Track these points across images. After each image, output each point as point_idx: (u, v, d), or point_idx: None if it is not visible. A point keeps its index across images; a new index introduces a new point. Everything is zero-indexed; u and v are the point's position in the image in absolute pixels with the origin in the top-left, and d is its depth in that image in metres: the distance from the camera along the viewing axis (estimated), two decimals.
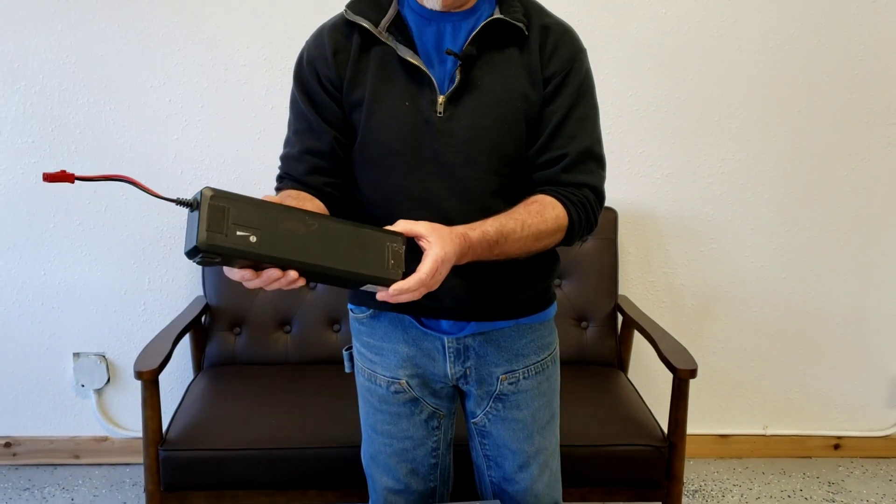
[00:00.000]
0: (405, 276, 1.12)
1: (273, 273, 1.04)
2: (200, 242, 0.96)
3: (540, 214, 1.29)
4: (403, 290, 1.11)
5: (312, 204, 1.31)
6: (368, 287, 1.13)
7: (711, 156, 2.62)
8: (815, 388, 2.84)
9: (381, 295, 1.13)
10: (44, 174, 0.94)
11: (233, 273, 1.06)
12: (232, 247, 0.98)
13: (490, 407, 1.52)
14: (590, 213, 1.37)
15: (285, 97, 1.46)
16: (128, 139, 2.51)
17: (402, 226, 1.15)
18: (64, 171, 0.96)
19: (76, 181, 0.97)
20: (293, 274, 1.05)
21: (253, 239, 1.00)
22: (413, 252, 1.15)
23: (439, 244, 1.14)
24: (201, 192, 0.98)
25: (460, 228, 1.20)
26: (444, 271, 1.15)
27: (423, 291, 1.13)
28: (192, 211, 0.99)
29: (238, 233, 0.99)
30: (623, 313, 2.53)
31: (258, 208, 1.02)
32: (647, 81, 2.56)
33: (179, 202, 1.00)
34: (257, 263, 1.03)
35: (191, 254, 0.99)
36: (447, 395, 1.55)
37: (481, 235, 1.22)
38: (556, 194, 1.34)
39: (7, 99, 2.46)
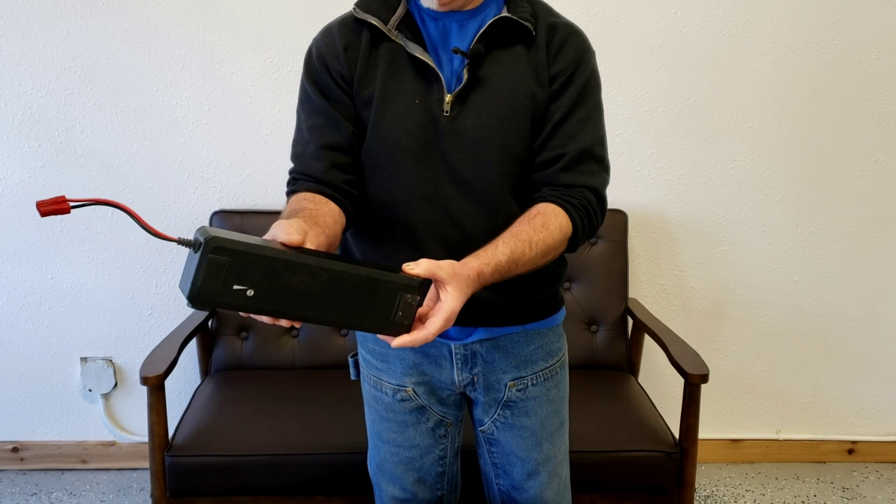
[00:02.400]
0: (410, 327, 1.10)
1: (266, 319, 1.02)
2: (191, 296, 0.94)
3: (545, 228, 1.26)
4: (406, 343, 1.09)
5: (328, 207, 1.26)
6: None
7: (723, 157, 2.60)
8: (828, 391, 2.81)
9: (382, 337, 1.12)
10: (38, 205, 0.93)
11: None
12: (225, 301, 0.96)
13: (498, 414, 1.50)
14: (592, 217, 1.34)
15: (292, 100, 1.44)
16: (134, 142, 2.50)
17: (425, 266, 1.09)
18: (59, 199, 0.94)
19: (71, 210, 0.95)
20: (284, 322, 1.03)
21: (250, 293, 0.97)
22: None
23: (455, 297, 1.11)
24: (205, 239, 0.94)
25: (475, 267, 1.16)
26: (451, 324, 1.12)
27: (426, 342, 1.11)
28: (193, 252, 0.96)
29: (235, 287, 0.96)
30: (633, 317, 2.51)
31: (262, 261, 0.97)
32: (658, 82, 2.54)
33: (180, 242, 0.97)
34: (251, 314, 1.01)
35: (184, 294, 0.96)
36: (454, 402, 1.53)
37: (494, 269, 1.19)
38: (557, 200, 1.31)
39: (14, 102, 2.46)
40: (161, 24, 2.43)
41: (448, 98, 1.31)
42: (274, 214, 2.00)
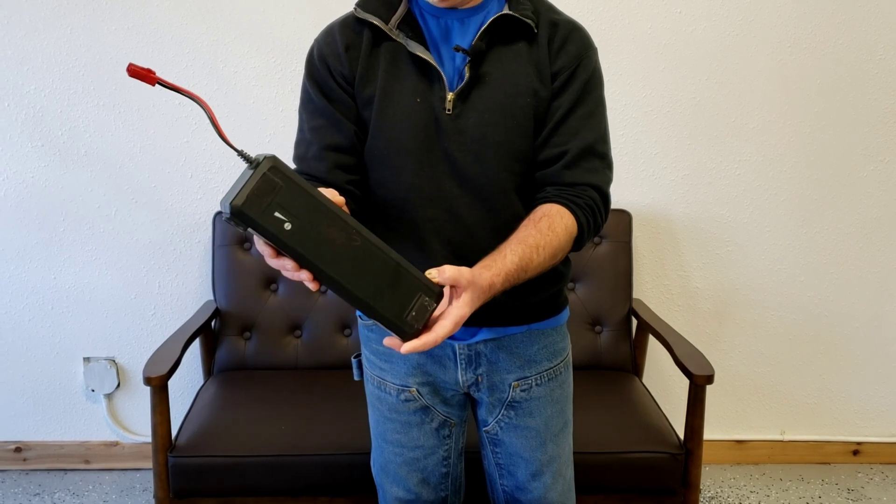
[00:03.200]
0: (419, 332, 1.09)
1: (289, 264, 1.01)
2: (233, 205, 0.93)
3: (551, 230, 1.26)
4: (416, 348, 1.08)
5: None
6: (379, 324, 1.09)
7: (727, 157, 2.59)
8: (833, 392, 2.80)
9: (389, 342, 1.10)
10: (129, 66, 0.92)
11: (258, 242, 1.03)
12: (261, 224, 0.95)
13: (502, 415, 1.49)
14: (597, 216, 1.34)
15: (295, 99, 1.44)
16: (137, 142, 2.50)
17: (449, 275, 1.09)
18: (151, 71, 0.93)
19: (156, 84, 0.94)
20: (305, 275, 1.02)
21: (287, 226, 0.97)
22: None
23: (467, 304, 1.11)
24: (265, 156, 0.95)
25: (488, 277, 1.15)
26: (458, 328, 1.12)
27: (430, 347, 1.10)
28: (248, 168, 0.96)
29: (276, 213, 0.96)
30: (638, 317, 2.50)
31: (311, 200, 0.98)
32: (663, 82, 2.53)
33: (241, 154, 0.97)
34: (280, 249, 1.00)
35: (223, 209, 0.96)
36: (458, 402, 1.53)
37: (505, 279, 1.19)
38: (562, 200, 1.31)
39: (17, 102, 2.45)
40: (164, 23, 2.43)
41: (450, 96, 1.31)
42: None
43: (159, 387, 1.96)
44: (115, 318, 2.62)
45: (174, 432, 2.06)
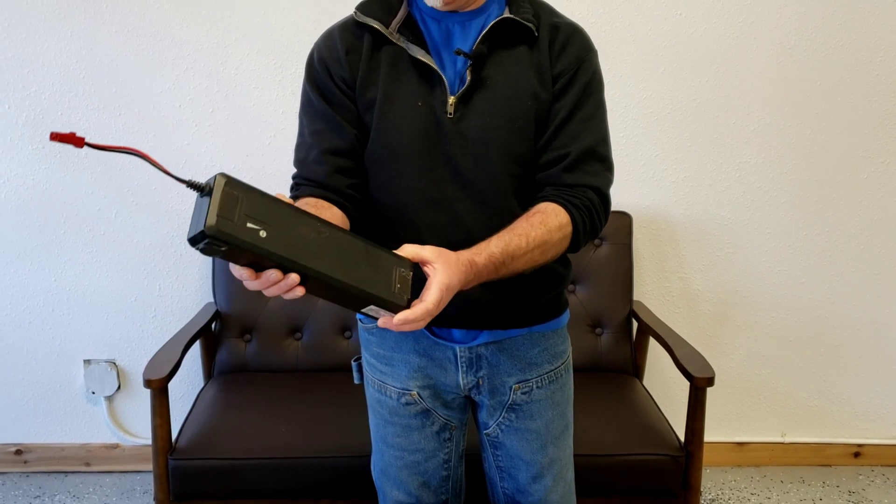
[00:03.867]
0: (409, 302, 1.08)
1: (274, 275, 0.98)
2: (208, 227, 0.90)
3: (544, 225, 1.26)
4: (409, 319, 1.07)
5: (330, 213, 1.27)
6: (370, 310, 1.08)
7: (728, 159, 2.59)
8: (834, 394, 2.79)
9: (383, 322, 1.09)
10: (51, 133, 0.88)
11: (234, 269, 1.00)
12: (240, 237, 0.93)
13: (503, 417, 1.49)
14: (594, 217, 1.33)
15: (296, 102, 1.43)
16: (138, 144, 2.49)
17: (409, 250, 1.11)
18: (73, 134, 0.89)
19: (85, 146, 0.90)
20: (294, 278, 0.99)
21: (262, 234, 0.95)
22: (416, 277, 1.11)
23: (445, 271, 1.10)
24: (215, 177, 0.94)
25: (466, 254, 1.16)
26: (448, 299, 1.11)
27: (427, 321, 1.09)
28: (202, 196, 0.94)
29: (248, 224, 0.94)
30: (638, 319, 2.50)
31: (271, 203, 0.98)
32: (663, 84, 2.53)
33: (191, 184, 0.95)
34: (261, 261, 0.97)
35: (196, 239, 0.92)
36: (459, 405, 1.52)
37: (487, 259, 1.18)
38: (558, 198, 1.31)
39: (18, 104, 2.45)
40: (165, 25, 2.43)
41: (451, 100, 1.31)
42: None
43: (160, 389, 1.96)
44: (116, 321, 2.62)
45: (174, 435, 2.06)
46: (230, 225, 0.92)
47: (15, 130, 2.47)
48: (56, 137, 0.88)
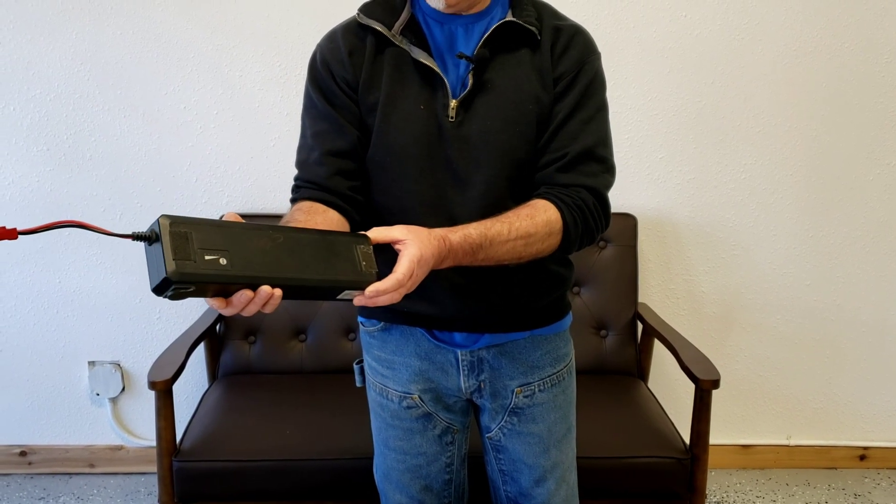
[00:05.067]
0: (380, 277, 1.08)
1: (245, 295, 0.97)
2: (171, 273, 0.89)
3: (530, 217, 1.25)
4: (380, 290, 1.06)
5: (324, 217, 1.26)
6: (345, 295, 1.08)
7: (733, 160, 2.58)
8: (840, 396, 2.78)
9: (358, 300, 1.09)
10: None
11: (208, 302, 0.99)
12: (204, 272, 0.92)
13: (505, 421, 1.49)
14: (588, 217, 1.31)
15: (300, 103, 1.42)
16: (142, 146, 2.50)
17: (377, 233, 1.11)
18: (3, 228, 0.87)
19: (20, 236, 0.88)
20: (266, 290, 0.98)
21: (223, 261, 0.94)
22: (392, 260, 1.11)
23: (416, 245, 1.09)
24: (157, 221, 0.92)
25: (440, 231, 1.16)
26: (421, 273, 1.11)
27: (402, 293, 1.09)
28: (150, 244, 0.92)
29: (206, 257, 0.93)
30: (643, 321, 2.49)
31: (220, 229, 0.97)
32: (668, 85, 2.52)
33: (136, 237, 0.93)
34: (228, 287, 0.96)
35: (160, 288, 0.91)
36: (461, 409, 1.52)
37: (462, 239, 1.18)
38: (550, 196, 1.29)
39: (22, 106, 2.46)
40: (170, 27, 2.43)
41: (453, 103, 1.30)
42: (282, 218, 1.99)
43: (164, 391, 1.96)
44: (121, 322, 2.63)
45: (179, 436, 2.06)
46: (190, 265, 0.91)
47: (20, 132, 2.47)
48: None
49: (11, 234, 0.88)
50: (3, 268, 2.57)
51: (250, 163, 2.53)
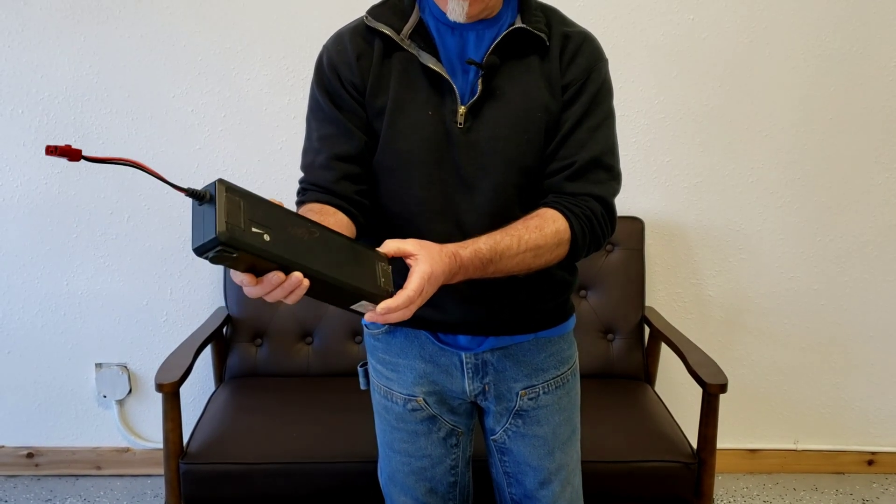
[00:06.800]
0: (392, 294, 1.08)
1: (276, 277, 0.97)
2: (220, 233, 0.89)
3: (539, 229, 1.24)
4: (391, 308, 1.06)
5: (335, 219, 1.26)
6: (358, 306, 1.09)
7: (740, 164, 2.57)
8: (847, 401, 2.77)
9: (370, 316, 1.09)
10: (47, 147, 0.86)
11: (235, 275, 0.99)
12: (249, 242, 0.93)
13: (510, 423, 1.49)
14: (595, 226, 1.31)
15: (307, 106, 1.42)
16: (150, 149, 2.50)
17: (391, 246, 1.11)
18: (69, 146, 0.87)
19: (82, 159, 0.88)
20: (297, 276, 0.98)
21: (266, 238, 0.95)
22: (402, 271, 1.11)
23: (427, 261, 1.09)
24: (214, 184, 0.93)
25: (451, 247, 1.16)
26: (431, 290, 1.10)
27: (412, 310, 1.08)
28: (200, 204, 0.93)
29: (253, 229, 0.94)
30: (650, 325, 2.49)
31: (269, 208, 0.98)
32: (675, 88, 2.52)
33: (189, 192, 0.93)
34: (265, 265, 0.97)
35: (205, 247, 0.92)
36: (465, 411, 1.52)
37: (473, 254, 1.17)
38: (558, 206, 1.29)
39: (30, 109, 2.46)
40: (177, 30, 2.44)
41: (462, 110, 1.30)
42: None
43: (171, 393, 1.97)
44: (128, 325, 2.63)
45: (185, 439, 2.07)
46: (239, 231, 0.92)
47: (28, 135, 2.48)
48: (52, 151, 0.86)
49: (76, 155, 0.88)
50: (10, 270, 2.57)
51: (257, 165, 2.53)
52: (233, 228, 0.91)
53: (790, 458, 2.81)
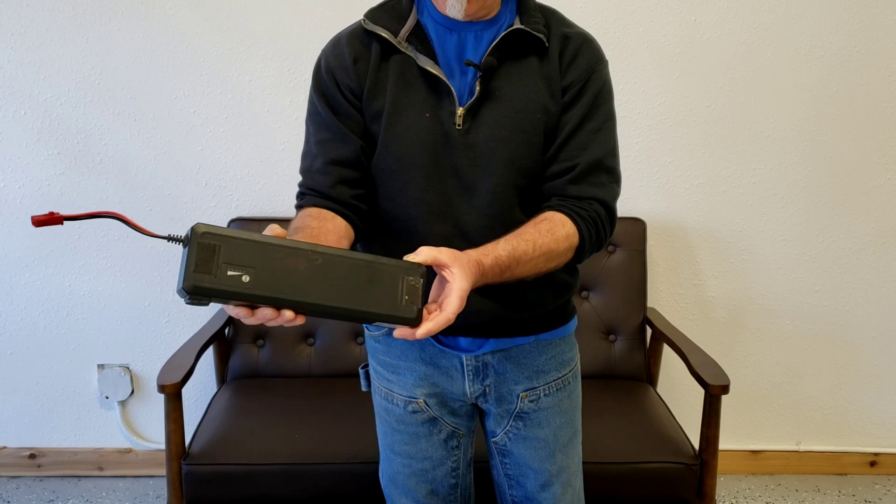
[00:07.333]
0: (419, 312, 1.04)
1: (267, 312, 0.97)
2: (186, 285, 0.91)
3: (551, 234, 1.24)
4: (431, 331, 1.04)
5: (333, 224, 1.26)
6: (380, 324, 1.06)
7: (742, 165, 2.57)
8: (850, 402, 2.77)
9: (399, 333, 1.06)
10: (32, 218, 0.91)
11: (230, 309, 0.99)
12: (221, 288, 0.93)
13: (510, 426, 1.49)
14: (600, 230, 1.32)
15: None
16: (152, 150, 2.51)
17: (426, 254, 1.06)
18: (51, 214, 0.92)
19: (65, 222, 0.93)
20: (289, 314, 0.98)
21: (245, 279, 0.94)
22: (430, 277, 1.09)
23: (462, 277, 1.07)
24: (192, 228, 0.94)
25: (474, 255, 1.14)
26: (464, 304, 1.08)
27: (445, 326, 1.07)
28: (184, 247, 0.94)
29: (229, 272, 0.94)
30: (652, 326, 2.49)
31: (255, 246, 0.97)
32: (677, 90, 2.52)
33: (171, 239, 0.95)
34: (250, 303, 0.97)
35: (180, 293, 0.94)
36: (466, 413, 1.52)
37: (494, 262, 1.17)
38: (565, 209, 1.29)
39: (33, 110, 2.47)
40: (179, 32, 2.44)
41: (460, 111, 1.30)
42: (290, 222, 2.00)
43: (173, 394, 1.97)
44: (130, 326, 2.63)
45: (188, 440, 2.07)
46: (208, 279, 0.92)
47: (31, 136, 2.48)
48: (38, 223, 0.92)
49: (57, 220, 0.91)
50: (13, 271, 2.58)
51: (259, 167, 2.54)
52: (200, 277, 0.92)
53: (792, 459, 2.80)
